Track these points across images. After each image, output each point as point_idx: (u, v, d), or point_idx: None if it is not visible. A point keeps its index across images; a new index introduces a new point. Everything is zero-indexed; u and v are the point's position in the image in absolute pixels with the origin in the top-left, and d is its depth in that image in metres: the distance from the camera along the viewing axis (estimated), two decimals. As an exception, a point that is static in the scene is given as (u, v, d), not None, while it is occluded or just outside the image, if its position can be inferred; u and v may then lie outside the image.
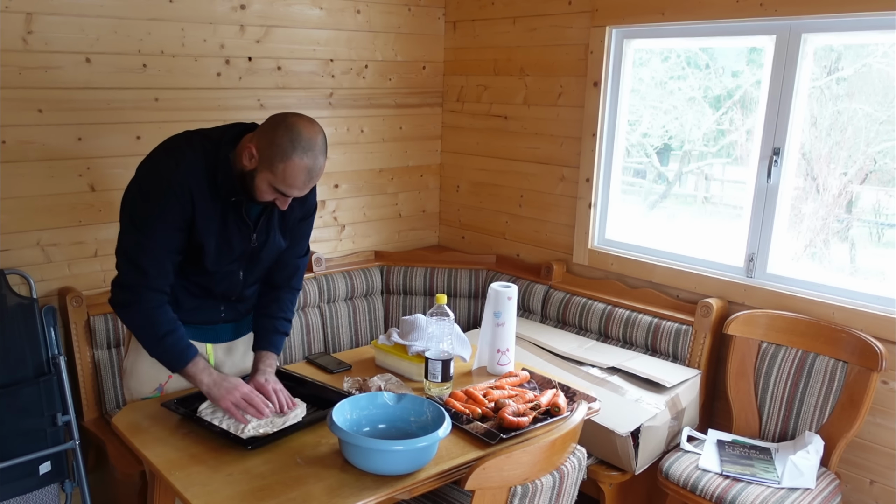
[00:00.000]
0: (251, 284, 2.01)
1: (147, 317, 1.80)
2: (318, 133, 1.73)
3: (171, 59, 2.71)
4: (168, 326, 1.81)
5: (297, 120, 1.72)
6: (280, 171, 1.70)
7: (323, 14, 3.09)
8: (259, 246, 1.91)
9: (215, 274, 1.89)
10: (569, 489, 1.71)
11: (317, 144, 1.71)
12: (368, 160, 3.40)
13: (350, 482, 1.59)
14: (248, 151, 1.73)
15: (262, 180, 1.73)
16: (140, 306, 1.79)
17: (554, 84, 3.12)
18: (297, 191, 1.74)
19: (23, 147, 2.45)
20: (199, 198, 1.76)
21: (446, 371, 2.00)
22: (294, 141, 1.68)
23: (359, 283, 3.25)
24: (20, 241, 2.51)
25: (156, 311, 1.80)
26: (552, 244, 3.26)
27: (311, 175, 1.73)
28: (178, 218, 1.76)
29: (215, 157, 1.76)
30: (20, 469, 2.35)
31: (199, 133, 1.84)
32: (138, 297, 1.78)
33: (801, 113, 2.52)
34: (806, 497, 2.18)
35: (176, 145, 1.81)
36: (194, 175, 1.75)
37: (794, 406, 2.47)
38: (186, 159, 1.76)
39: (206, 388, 1.82)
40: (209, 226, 1.80)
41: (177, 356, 1.82)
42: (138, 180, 1.79)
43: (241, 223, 1.85)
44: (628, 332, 2.84)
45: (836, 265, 2.64)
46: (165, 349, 1.81)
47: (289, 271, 2.07)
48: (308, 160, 1.70)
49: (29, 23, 2.39)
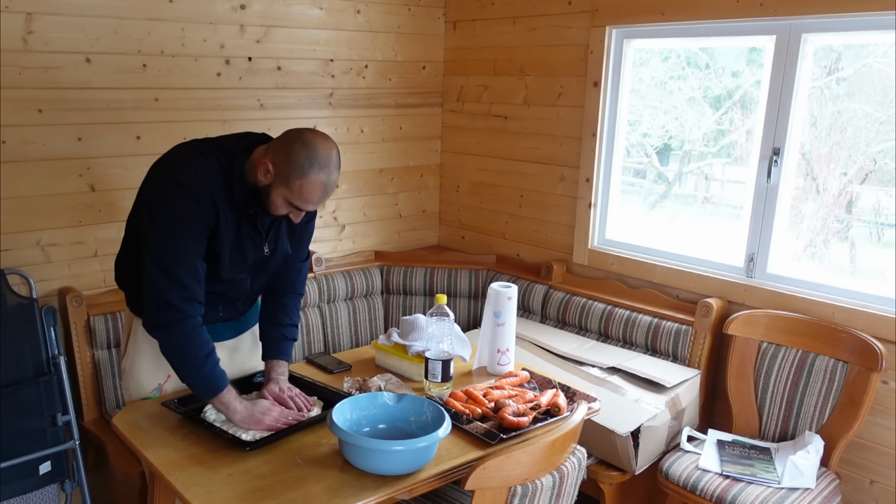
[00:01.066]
0: (256, 290, 2.03)
1: (191, 335, 1.75)
2: (332, 149, 1.75)
3: (171, 59, 2.71)
4: (209, 346, 1.79)
5: (313, 137, 1.74)
6: (297, 187, 1.71)
7: (323, 14, 3.09)
8: (269, 255, 1.93)
9: (226, 282, 1.89)
10: (569, 489, 1.71)
11: (332, 160, 1.74)
12: (368, 160, 3.40)
13: (350, 482, 1.59)
14: (263, 167, 1.73)
15: (278, 195, 1.74)
16: (186, 323, 1.74)
17: (554, 84, 3.12)
18: (312, 206, 1.77)
19: (23, 147, 2.45)
20: (221, 207, 1.76)
21: (446, 371, 2.00)
22: (311, 158, 1.70)
23: (359, 284, 3.25)
24: (20, 241, 2.51)
25: (200, 328, 1.77)
26: (552, 244, 3.26)
27: (327, 190, 1.75)
28: (205, 228, 1.75)
29: (230, 168, 1.77)
30: (20, 469, 2.35)
31: (207, 143, 1.82)
32: (183, 312, 1.73)
33: (801, 113, 2.52)
34: (806, 497, 2.18)
35: (191, 156, 1.78)
36: (215, 185, 1.75)
37: (794, 406, 2.47)
38: (205, 170, 1.75)
39: (240, 418, 1.79)
40: (227, 235, 1.80)
41: (215, 381, 1.79)
42: (160, 196, 1.75)
43: (255, 233, 1.86)
44: (628, 332, 2.83)
45: (836, 265, 2.64)
46: (205, 374, 1.77)
47: (291, 276, 2.08)
48: (324, 176, 1.72)
49: (29, 23, 2.39)
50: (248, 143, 1.80)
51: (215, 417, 1.82)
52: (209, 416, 1.82)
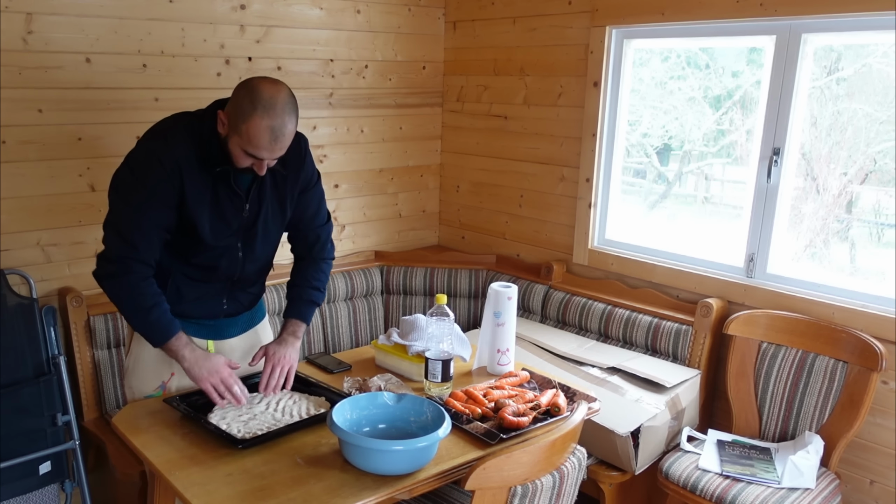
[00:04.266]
0: (251, 262, 2.00)
1: (134, 288, 1.81)
2: (279, 92, 1.72)
3: (171, 59, 2.71)
4: (154, 299, 1.82)
5: (259, 81, 1.74)
6: (244, 132, 1.71)
7: (323, 14, 3.09)
8: (252, 217, 1.92)
9: (214, 249, 1.90)
10: (569, 489, 1.71)
11: (277, 103, 1.71)
12: (368, 160, 3.40)
13: (350, 482, 1.59)
14: (220, 119, 1.76)
15: (234, 145, 1.75)
16: (128, 277, 1.80)
17: (554, 84, 3.12)
18: (265, 151, 1.74)
19: (23, 147, 2.45)
20: (189, 172, 1.78)
21: (446, 371, 2.00)
22: (254, 101, 1.69)
23: (359, 283, 3.25)
24: (20, 241, 2.51)
25: (143, 282, 1.81)
26: (552, 244, 3.26)
27: (276, 135, 1.72)
28: (167, 194, 1.78)
29: (201, 129, 1.79)
30: (20, 469, 2.35)
31: (186, 112, 1.88)
32: (127, 268, 1.79)
33: (801, 113, 2.52)
34: (806, 497, 2.18)
35: (163, 125, 1.84)
36: (182, 150, 1.77)
37: (794, 406, 2.47)
38: (174, 135, 1.79)
39: (188, 365, 1.83)
40: (201, 199, 1.81)
41: (162, 329, 1.83)
42: (128, 160, 1.83)
43: (233, 194, 1.86)
44: (628, 332, 2.83)
45: (836, 265, 2.64)
46: (151, 322, 1.82)
47: (309, 241, 2.09)
48: (269, 120, 1.70)
49: (29, 23, 2.39)
50: (219, 103, 1.83)
51: (219, 420, 1.81)
52: (213, 419, 1.81)
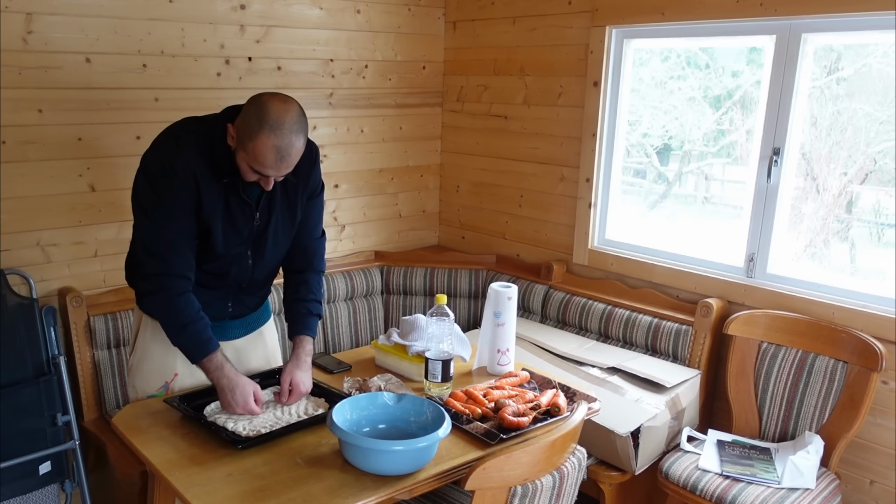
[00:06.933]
0: (260, 269, 2.01)
1: (169, 304, 1.81)
2: (289, 111, 1.70)
3: (171, 59, 2.71)
4: (190, 316, 1.82)
5: (269, 98, 1.71)
6: (250, 149, 1.70)
7: (323, 14, 3.08)
8: (262, 225, 1.92)
9: (225, 257, 1.90)
10: (569, 489, 1.71)
11: (285, 122, 1.68)
12: (368, 160, 3.40)
13: (350, 482, 1.59)
14: (229, 132, 1.75)
15: (241, 160, 1.74)
16: (164, 293, 1.80)
17: (554, 84, 3.12)
18: (270, 170, 1.73)
19: (23, 147, 2.45)
20: (203, 179, 1.78)
21: (446, 371, 2.00)
22: (262, 119, 1.67)
23: (359, 284, 3.25)
24: (20, 241, 2.50)
25: (178, 298, 1.81)
26: (552, 244, 3.26)
27: (282, 154, 1.69)
28: (186, 201, 1.77)
29: (211, 137, 1.78)
30: (20, 469, 2.35)
31: (195, 118, 1.86)
32: (160, 284, 1.79)
33: (801, 113, 2.52)
34: (806, 497, 2.18)
35: (174, 131, 1.83)
36: (195, 157, 1.77)
37: (794, 406, 2.47)
38: (186, 142, 1.78)
39: (219, 390, 1.83)
40: (215, 207, 1.81)
41: (198, 346, 1.83)
42: (143, 170, 1.82)
43: (243, 204, 1.86)
44: (628, 333, 2.83)
45: (836, 265, 2.64)
46: (188, 337, 1.82)
47: (308, 254, 2.09)
48: (276, 139, 1.67)
49: (29, 23, 2.39)
50: (231, 111, 1.81)
51: (216, 416, 1.82)
52: (209, 414, 1.81)
